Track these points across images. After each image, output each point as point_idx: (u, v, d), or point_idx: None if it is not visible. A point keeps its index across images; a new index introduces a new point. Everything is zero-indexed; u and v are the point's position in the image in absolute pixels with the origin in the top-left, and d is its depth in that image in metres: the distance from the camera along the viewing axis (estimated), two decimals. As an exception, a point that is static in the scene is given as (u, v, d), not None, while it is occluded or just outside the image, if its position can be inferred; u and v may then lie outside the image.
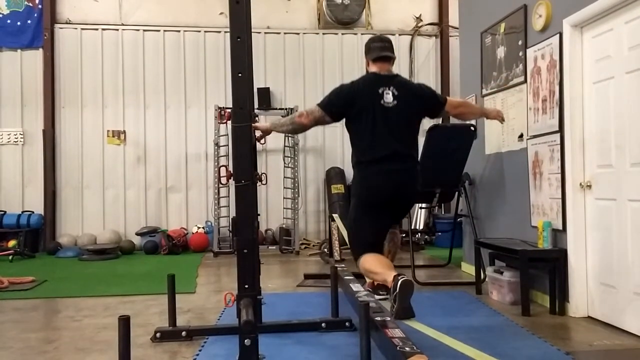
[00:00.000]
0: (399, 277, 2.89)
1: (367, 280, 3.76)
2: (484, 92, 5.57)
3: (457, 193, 6.01)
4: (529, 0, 4.65)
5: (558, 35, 4.17)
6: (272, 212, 8.78)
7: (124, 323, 2.32)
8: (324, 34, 9.13)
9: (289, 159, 8.26)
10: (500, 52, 5.22)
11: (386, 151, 3.25)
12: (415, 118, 3.42)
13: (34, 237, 8.32)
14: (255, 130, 3.41)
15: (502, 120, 3.97)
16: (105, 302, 4.75)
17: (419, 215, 8.21)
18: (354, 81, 3.48)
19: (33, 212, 8.35)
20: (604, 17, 3.76)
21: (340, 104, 3.38)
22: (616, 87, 3.67)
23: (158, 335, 3.52)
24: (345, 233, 5.02)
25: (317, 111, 3.39)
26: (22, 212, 8.34)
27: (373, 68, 3.45)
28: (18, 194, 8.53)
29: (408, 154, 3.34)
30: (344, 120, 3.52)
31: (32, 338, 3.66)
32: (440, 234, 7.47)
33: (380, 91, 3.29)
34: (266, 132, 3.51)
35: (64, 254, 7.90)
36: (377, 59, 3.42)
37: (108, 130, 8.71)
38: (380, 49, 3.44)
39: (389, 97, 3.29)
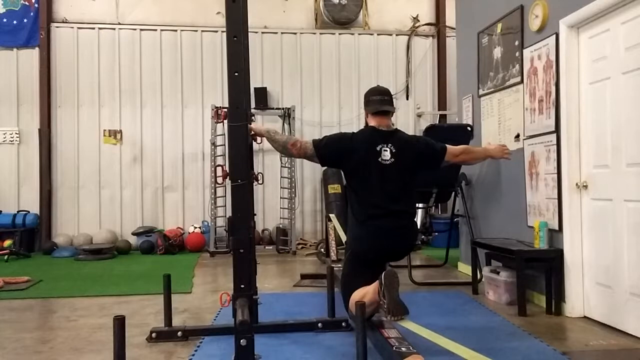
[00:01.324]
0: (383, 272, 2.88)
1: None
2: (481, 92, 5.57)
3: (453, 193, 6.01)
4: (526, 1, 4.66)
5: (554, 35, 4.18)
6: (269, 212, 8.78)
7: (119, 323, 2.31)
8: (321, 33, 9.13)
9: (286, 158, 8.25)
10: (497, 52, 5.22)
11: (381, 210, 3.23)
12: (413, 174, 3.38)
13: (30, 236, 8.28)
14: (250, 129, 3.39)
15: (508, 155, 3.84)
16: (100, 302, 4.74)
17: (416, 216, 8.21)
18: (354, 134, 3.43)
19: (29, 212, 8.31)
20: (601, 18, 3.77)
21: (335, 154, 3.34)
22: (612, 88, 3.67)
23: (154, 335, 3.51)
24: (341, 233, 5.03)
25: (309, 149, 3.33)
26: (18, 211, 8.30)
27: (372, 122, 3.40)
28: (13, 193, 8.49)
29: (403, 211, 3.31)
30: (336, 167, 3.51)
31: (27, 338, 3.65)
32: (437, 234, 7.45)
33: (378, 148, 3.27)
34: (258, 134, 3.48)
35: (59, 254, 7.86)
36: (376, 113, 3.39)
37: (104, 130, 8.68)
38: (379, 102, 3.39)
39: (386, 154, 3.26)
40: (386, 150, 3.26)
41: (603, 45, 3.78)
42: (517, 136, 4.80)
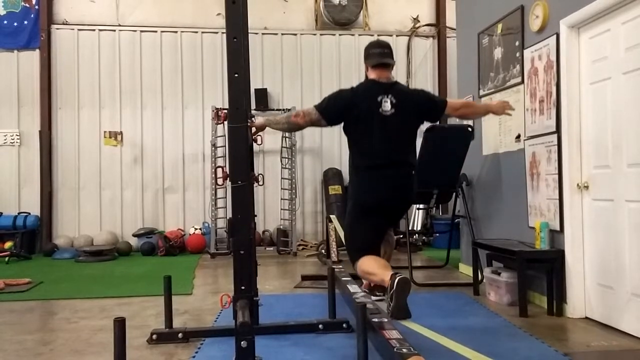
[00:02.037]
0: (397, 275, 2.89)
1: (364, 281, 3.76)
2: (481, 92, 5.56)
3: (454, 194, 6.00)
4: (526, 1, 4.65)
5: (555, 36, 4.17)
6: (269, 213, 8.77)
7: (120, 325, 2.31)
8: (321, 35, 9.13)
9: (287, 159, 8.25)
10: (498, 52, 5.22)
11: (383, 160, 3.28)
12: (414, 125, 3.43)
13: (31, 238, 8.28)
14: (251, 127, 3.41)
15: (510, 109, 3.81)
16: (101, 303, 4.73)
17: (417, 216, 8.20)
18: (354, 88, 3.48)
19: (29, 214, 8.32)
20: (601, 18, 3.77)
21: (338, 110, 3.39)
22: (613, 88, 3.67)
23: (154, 337, 3.50)
24: (342, 234, 5.03)
25: (313, 113, 3.39)
26: (19, 213, 8.30)
27: (372, 74, 3.44)
28: (14, 195, 8.50)
29: (405, 161, 3.36)
30: (341, 124, 3.53)
31: (27, 340, 3.64)
32: (437, 234, 7.44)
33: (379, 99, 3.30)
34: (260, 128, 3.51)
35: (60, 256, 7.86)
36: (376, 65, 3.41)
37: (105, 131, 8.68)
38: (379, 55, 3.43)
39: (387, 105, 3.29)
40: (387, 102, 3.30)
41: (603, 45, 3.77)
42: (518, 137, 4.80)
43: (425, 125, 5.27)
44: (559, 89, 4.14)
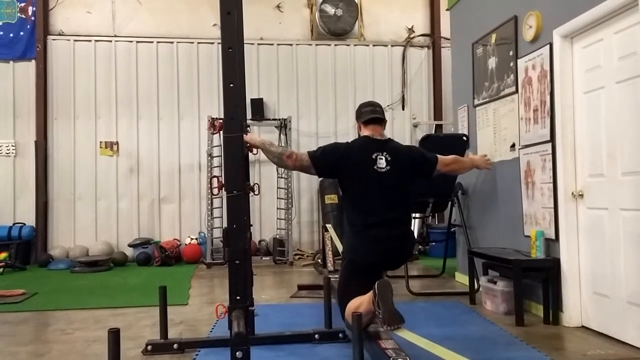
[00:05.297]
0: (376, 282, 2.86)
1: None
2: (476, 102, 5.59)
3: (450, 203, 6.01)
4: (520, 12, 4.69)
5: (548, 45, 4.21)
6: (265, 223, 8.75)
7: (114, 336, 2.30)
8: (316, 45, 9.17)
9: (283, 169, 8.25)
10: (492, 62, 5.25)
11: (378, 218, 3.23)
12: (408, 182, 3.41)
13: (26, 249, 8.23)
14: (246, 141, 3.40)
15: (490, 165, 3.98)
16: (96, 314, 4.71)
17: (413, 225, 8.21)
18: (349, 143, 3.46)
19: (24, 224, 8.28)
20: (594, 28, 3.80)
21: (331, 164, 3.36)
22: (607, 97, 3.69)
23: (149, 348, 3.48)
24: (338, 243, 5.02)
25: (305, 160, 3.35)
26: (14, 224, 8.26)
27: (365, 131, 3.44)
28: (9, 205, 8.46)
29: (399, 219, 3.32)
30: (332, 178, 3.52)
31: (21, 352, 3.62)
32: (434, 243, 7.46)
33: (373, 156, 3.29)
34: (253, 147, 3.50)
35: (55, 266, 7.82)
36: (368, 121, 3.42)
37: (101, 142, 8.67)
38: (371, 112, 3.44)
39: (382, 162, 3.28)
40: (381, 159, 3.28)
41: (597, 54, 3.80)
42: (513, 145, 4.82)
43: (421, 134, 5.28)
44: (553, 98, 4.16)
